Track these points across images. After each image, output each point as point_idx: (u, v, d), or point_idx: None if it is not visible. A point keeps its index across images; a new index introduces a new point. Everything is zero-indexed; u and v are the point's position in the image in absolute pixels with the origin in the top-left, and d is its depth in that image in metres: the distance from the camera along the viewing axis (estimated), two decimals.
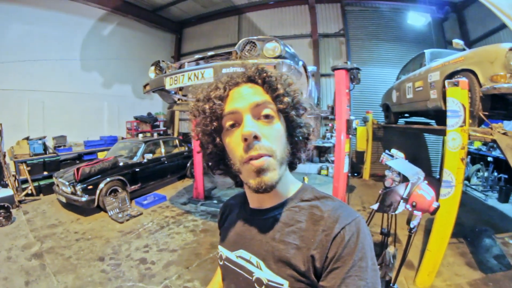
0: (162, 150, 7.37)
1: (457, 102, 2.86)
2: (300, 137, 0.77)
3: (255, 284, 0.73)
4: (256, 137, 0.66)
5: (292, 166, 0.83)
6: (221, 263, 0.88)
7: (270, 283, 0.69)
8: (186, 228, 4.82)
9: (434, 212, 2.30)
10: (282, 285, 0.67)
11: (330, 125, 9.40)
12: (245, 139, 0.66)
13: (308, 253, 0.65)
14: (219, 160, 0.82)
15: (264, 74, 0.73)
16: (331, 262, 0.61)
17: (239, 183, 0.85)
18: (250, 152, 0.66)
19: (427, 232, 3.53)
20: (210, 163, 0.84)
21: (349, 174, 4.81)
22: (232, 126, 0.72)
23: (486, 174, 6.82)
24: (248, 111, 0.70)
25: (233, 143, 0.71)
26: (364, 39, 9.27)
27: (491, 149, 6.89)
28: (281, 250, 0.69)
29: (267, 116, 0.70)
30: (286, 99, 0.72)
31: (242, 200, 0.91)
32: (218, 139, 0.77)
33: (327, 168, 8.62)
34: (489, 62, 3.15)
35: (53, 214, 5.48)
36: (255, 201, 0.82)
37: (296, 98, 0.76)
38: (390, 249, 2.98)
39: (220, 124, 0.74)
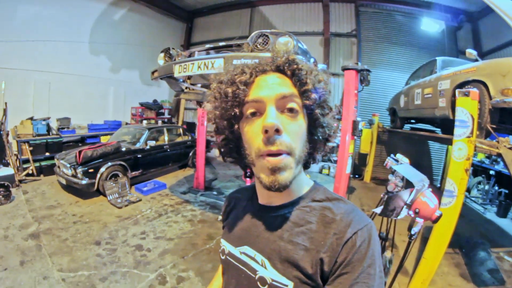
0: (165, 138, 7.39)
1: (466, 112, 2.82)
2: (321, 137, 0.75)
3: (258, 283, 0.71)
4: (277, 131, 0.63)
5: (306, 165, 0.80)
6: (223, 257, 0.87)
7: (274, 283, 0.68)
8: (184, 218, 4.83)
9: (436, 220, 2.29)
10: (286, 286, 0.65)
11: (335, 124, 9.35)
12: (266, 131, 0.63)
13: (317, 255, 0.63)
14: (232, 148, 0.79)
15: (295, 66, 0.70)
16: (340, 267, 0.60)
17: (248, 175, 0.83)
18: (269, 147, 0.64)
19: (424, 240, 3.52)
20: (222, 149, 0.82)
21: (351, 176, 4.80)
22: (253, 114, 0.69)
23: (486, 187, 6.78)
24: (273, 102, 0.66)
25: (252, 133, 0.68)
26: (376, 41, 9.19)
27: (494, 162, 6.86)
28: (288, 250, 0.67)
29: (291, 110, 0.67)
30: (314, 96, 0.69)
31: (250, 194, 0.89)
32: (236, 126, 0.74)
33: (329, 168, 8.61)
34: (501, 75, 3.11)
35: (53, 195, 5.51)
36: (264, 197, 0.80)
37: (324, 96, 0.73)
38: (387, 254, 2.98)
39: (240, 111, 0.71)
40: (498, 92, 3.10)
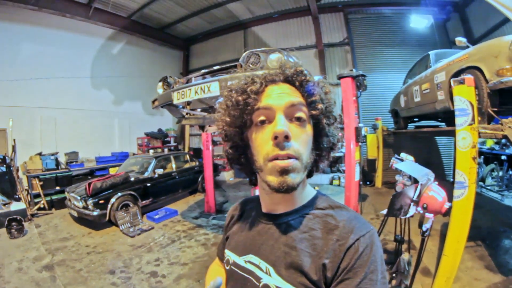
0: (173, 165, 7.42)
1: (464, 100, 2.81)
2: (326, 146, 0.77)
3: None
4: (287, 137, 0.65)
5: (310, 174, 0.81)
6: (227, 268, 0.87)
7: None
8: (197, 242, 4.79)
9: (446, 213, 2.24)
10: None
11: (339, 134, 9.31)
12: (276, 137, 0.65)
13: (320, 261, 0.64)
14: (240, 155, 0.81)
15: (303, 77, 0.73)
16: (342, 273, 0.61)
17: (253, 182, 0.84)
18: (277, 151, 0.65)
19: (443, 237, 3.43)
20: (230, 156, 0.83)
21: (361, 183, 4.74)
22: (263, 122, 0.71)
23: (500, 173, 6.65)
24: (282, 110, 0.69)
25: (261, 140, 0.70)
26: (369, 46, 9.28)
27: (504, 147, 6.74)
28: (293, 257, 0.68)
29: (299, 119, 0.70)
30: (320, 106, 0.72)
31: (254, 204, 0.90)
32: (244, 133, 0.77)
33: (339, 178, 8.50)
34: (493, 56, 3.10)
35: (65, 227, 5.55)
36: (268, 205, 0.81)
37: (330, 106, 0.76)
38: (405, 256, 2.91)
39: (250, 118, 0.74)
40: (494, 74, 3.06)
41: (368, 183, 8.66)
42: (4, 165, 6.37)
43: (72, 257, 4.21)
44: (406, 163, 2.84)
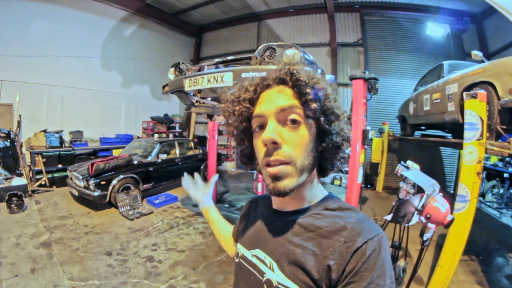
0: (176, 152, 7.43)
1: (474, 115, 2.79)
2: (330, 145, 0.73)
3: (265, 286, 0.72)
4: (275, 143, 0.66)
5: (322, 173, 0.81)
6: (236, 260, 0.89)
7: (280, 286, 0.68)
8: (195, 230, 4.82)
9: (448, 225, 2.25)
10: None
11: (349, 130, 9.29)
12: (265, 144, 0.67)
13: (324, 261, 0.63)
14: (250, 158, 0.83)
15: (294, 78, 0.70)
16: (348, 276, 0.60)
17: None
18: (267, 158, 0.67)
19: (439, 247, 3.45)
20: (243, 160, 0.86)
21: (363, 185, 4.74)
22: (261, 127, 0.71)
23: (501, 190, 6.61)
24: (273, 115, 0.69)
25: (258, 146, 0.72)
26: (382, 49, 9.19)
27: (507, 165, 6.69)
28: (297, 254, 0.68)
29: (294, 121, 0.68)
30: (314, 106, 0.68)
31: (268, 200, 0.90)
32: (249, 138, 0.78)
33: (341, 178, 8.49)
34: (508, 74, 3.08)
35: (65, 206, 5.60)
36: (278, 202, 0.82)
37: (326, 104, 0.71)
38: (400, 263, 2.93)
39: (250, 125, 0.76)
40: (506, 92, 3.05)
41: (369, 186, 8.65)
42: (8, 140, 6.43)
43: (70, 236, 4.26)
44: (413, 172, 2.83)
